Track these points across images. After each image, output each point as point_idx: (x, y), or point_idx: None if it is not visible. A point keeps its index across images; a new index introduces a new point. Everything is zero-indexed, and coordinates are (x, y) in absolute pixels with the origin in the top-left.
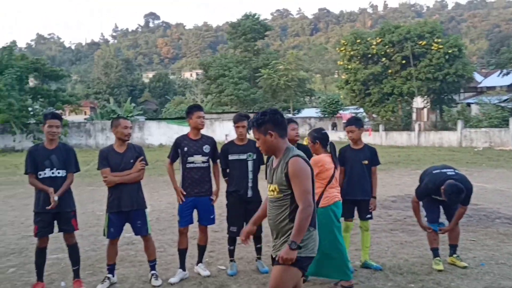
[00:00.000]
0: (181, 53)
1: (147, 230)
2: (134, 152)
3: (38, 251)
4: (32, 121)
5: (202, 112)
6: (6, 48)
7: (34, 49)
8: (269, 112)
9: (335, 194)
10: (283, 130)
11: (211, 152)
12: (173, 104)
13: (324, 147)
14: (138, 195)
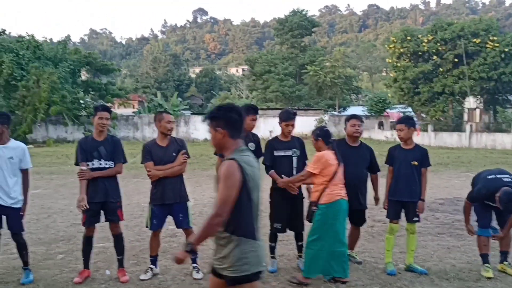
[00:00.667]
0: (227, 49)
1: (188, 223)
2: (176, 146)
3: (85, 240)
4: (83, 113)
5: (257, 116)
6: (61, 42)
7: (87, 44)
8: (224, 108)
9: (337, 192)
10: (235, 130)
11: (255, 149)
12: (219, 100)
13: (327, 144)
14: (180, 188)
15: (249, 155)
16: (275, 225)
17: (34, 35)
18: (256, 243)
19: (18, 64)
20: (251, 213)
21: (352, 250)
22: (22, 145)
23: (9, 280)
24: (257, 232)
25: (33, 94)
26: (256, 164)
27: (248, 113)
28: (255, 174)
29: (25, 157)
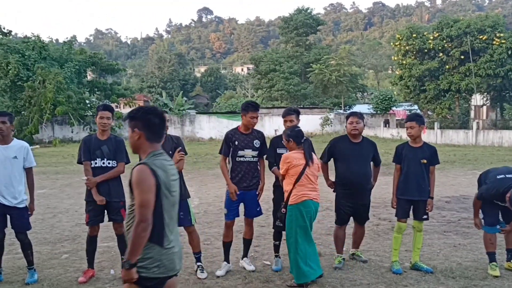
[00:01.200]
0: (232, 48)
1: (191, 221)
2: (172, 143)
3: (89, 239)
4: (89, 113)
5: (257, 113)
6: (67, 42)
7: (92, 44)
8: (145, 110)
9: (304, 192)
10: (152, 133)
11: (260, 147)
12: (224, 99)
13: (298, 144)
14: (183, 185)
15: (165, 159)
16: (277, 222)
17: (39, 36)
18: (162, 250)
19: (24, 64)
20: (160, 219)
21: (357, 249)
22: (25, 144)
23: (13, 280)
24: (165, 239)
25: (39, 94)
26: (173, 170)
27: (248, 110)
28: (169, 179)
29: (29, 156)
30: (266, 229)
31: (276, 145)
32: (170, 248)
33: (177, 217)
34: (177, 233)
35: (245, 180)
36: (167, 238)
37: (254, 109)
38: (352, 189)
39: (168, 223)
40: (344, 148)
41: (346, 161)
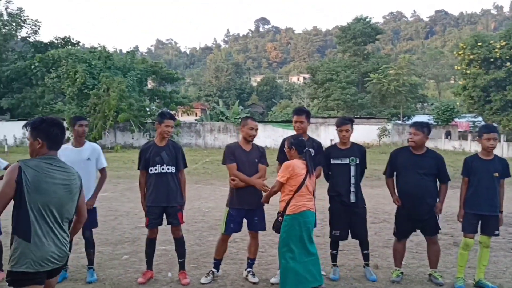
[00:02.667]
0: (289, 58)
1: (265, 227)
2: (258, 152)
3: (148, 241)
4: (149, 120)
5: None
6: (130, 52)
7: (153, 54)
8: (48, 122)
9: (303, 203)
10: (53, 143)
11: (314, 156)
12: (279, 108)
13: (300, 153)
14: (259, 194)
15: (49, 163)
16: (334, 232)
17: (105, 46)
18: (29, 245)
19: (90, 73)
20: (26, 215)
21: (435, 269)
22: (97, 147)
23: (77, 277)
24: (33, 235)
25: (103, 102)
26: (57, 174)
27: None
28: (42, 179)
29: (101, 158)
30: (321, 239)
31: (329, 156)
32: (40, 245)
33: (63, 218)
34: (56, 233)
35: None
36: (36, 234)
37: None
38: (410, 202)
39: (39, 221)
40: (404, 160)
41: (405, 173)
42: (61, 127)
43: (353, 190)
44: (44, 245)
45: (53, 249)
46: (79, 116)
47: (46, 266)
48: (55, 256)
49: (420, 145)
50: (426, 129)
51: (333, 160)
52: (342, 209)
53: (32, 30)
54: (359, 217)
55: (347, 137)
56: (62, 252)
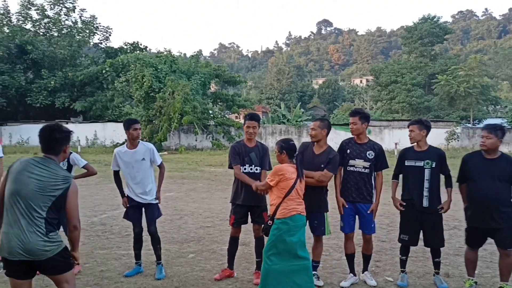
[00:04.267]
0: (351, 60)
1: (324, 232)
2: (327, 157)
3: (231, 240)
4: (212, 123)
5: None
6: (194, 56)
7: (216, 57)
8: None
9: (294, 207)
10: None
11: (374, 159)
12: (341, 111)
13: (290, 158)
14: (319, 197)
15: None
16: (402, 236)
17: (171, 51)
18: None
19: (157, 77)
20: (2, 203)
21: (506, 282)
22: (150, 146)
23: (147, 273)
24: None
25: (168, 105)
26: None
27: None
28: (19, 171)
29: (155, 156)
30: (387, 244)
31: (403, 157)
32: (8, 233)
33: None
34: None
35: (355, 191)
36: (6, 222)
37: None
38: (480, 209)
39: (8, 209)
40: (475, 164)
41: (476, 178)
42: (46, 133)
43: (426, 195)
44: (10, 234)
45: (16, 240)
46: (133, 120)
47: (12, 256)
48: (19, 247)
49: (493, 149)
50: (500, 132)
51: (407, 162)
52: (413, 213)
53: (104, 36)
54: (432, 223)
55: (415, 138)
56: (25, 245)
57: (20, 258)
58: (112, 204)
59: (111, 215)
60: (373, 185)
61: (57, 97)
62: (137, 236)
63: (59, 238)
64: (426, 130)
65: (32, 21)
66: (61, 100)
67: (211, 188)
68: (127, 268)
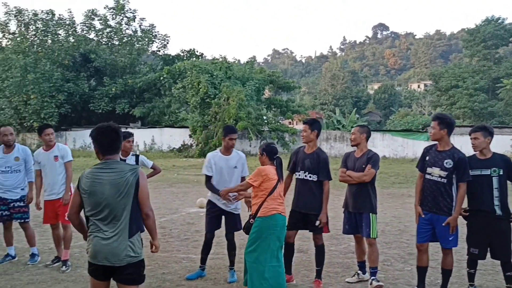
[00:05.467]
0: (409, 64)
1: (369, 234)
2: (366, 159)
3: (285, 245)
4: (266, 128)
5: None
6: (249, 63)
7: (269, 63)
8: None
9: (274, 206)
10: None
11: (452, 168)
12: (398, 116)
13: (271, 160)
14: (366, 197)
15: (99, 168)
16: (472, 250)
17: (226, 57)
18: (88, 239)
19: (212, 83)
20: (85, 214)
21: None
22: (242, 155)
23: (216, 277)
24: (90, 231)
25: (223, 110)
26: (102, 175)
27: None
28: (91, 184)
29: (245, 166)
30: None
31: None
32: (92, 240)
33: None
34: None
35: (431, 201)
36: (91, 232)
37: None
38: None
39: (90, 219)
40: None
41: None
42: (109, 134)
43: (497, 204)
44: (93, 241)
45: (99, 246)
46: (232, 128)
47: (97, 260)
48: (104, 253)
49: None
50: None
51: (472, 171)
52: (483, 224)
53: (162, 44)
54: (502, 234)
55: (476, 146)
56: (112, 250)
57: (104, 263)
58: (170, 208)
59: (169, 218)
60: (453, 196)
61: (118, 103)
62: (208, 242)
63: (140, 244)
64: (491, 137)
65: (95, 30)
66: (121, 106)
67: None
68: (187, 272)
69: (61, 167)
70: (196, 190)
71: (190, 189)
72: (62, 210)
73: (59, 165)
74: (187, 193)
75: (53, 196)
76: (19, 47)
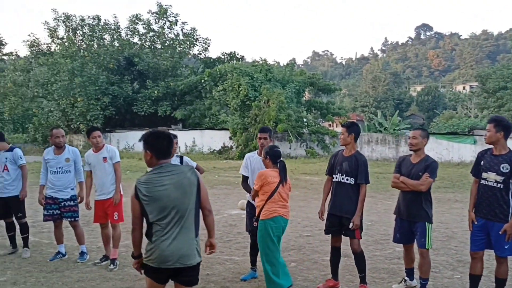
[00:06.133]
0: (453, 65)
1: (424, 244)
2: (423, 165)
3: (331, 250)
4: (306, 131)
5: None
6: (289, 65)
7: (309, 66)
8: (153, 134)
9: (275, 209)
10: (160, 153)
11: (509, 173)
12: (443, 119)
13: (274, 163)
14: (421, 206)
15: (157, 173)
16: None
17: (266, 60)
18: (150, 243)
19: (252, 86)
20: (148, 219)
21: None
22: None
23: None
24: (153, 235)
25: (263, 113)
26: (165, 180)
27: None
28: (153, 189)
29: None
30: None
31: None
32: (160, 245)
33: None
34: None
35: (486, 207)
36: (156, 235)
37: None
38: None
39: (158, 224)
40: None
41: None
42: (166, 139)
43: None
44: (160, 245)
45: (170, 249)
46: (262, 128)
47: (165, 263)
48: (174, 255)
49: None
50: None
51: None
52: None
53: (203, 47)
54: None
55: None
56: (181, 251)
57: (175, 266)
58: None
59: None
60: (510, 203)
61: (160, 106)
62: (254, 243)
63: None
64: None
65: (139, 35)
66: (163, 109)
67: (307, 196)
68: (231, 273)
69: (110, 168)
70: (237, 192)
71: (231, 191)
72: (112, 210)
73: (108, 166)
74: (228, 195)
75: (103, 196)
76: (67, 52)
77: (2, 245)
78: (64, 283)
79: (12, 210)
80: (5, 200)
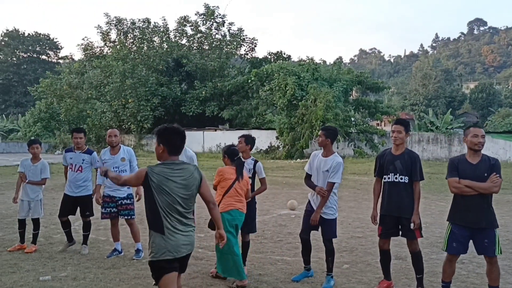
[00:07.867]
0: (509, 61)
1: (494, 252)
2: (488, 164)
3: (380, 253)
4: (354, 130)
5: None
6: (336, 64)
7: (356, 64)
8: (170, 129)
9: (231, 202)
10: (173, 149)
11: None
12: (499, 117)
13: (232, 161)
14: (488, 211)
15: (171, 168)
16: None
17: (313, 59)
18: (163, 236)
19: (299, 85)
20: (157, 212)
21: None
22: (338, 160)
23: (315, 281)
24: (165, 229)
25: (310, 112)
26: (178, 178)
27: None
28: (164, 183)
29: (335, 172)
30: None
31: None
32: (171, 236)
33: (187, 211)
34: (181, 226)
35: None
36: (167, 227)
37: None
38: None
39: (167, 216)
40: None
41: None
42: (181, 136)
43: None
44: (174, 236)
45: (181, 239)
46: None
47: (180, 253)
48: (184, 244)
49: None
50: None
51: None
52: None
53: (250, 47)
54: None
55: None
56: (188, 240)
57: (184, 254)
58: (261, 209)
59: (261, 220)
60: None
61: (207, 106)
62: (304, 244)
63: None
64: None
65: (187, 36)
66: (210, 109)
67: (357, 197)
68: (283, 274)
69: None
70: (285, 192)
71: (279, 191)
72: None
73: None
74: (277, 195)
75: None
76: (118, 54)
77: (61, 242)
78: (121, 280)
79: (81, 209)
80: (76, 199)
